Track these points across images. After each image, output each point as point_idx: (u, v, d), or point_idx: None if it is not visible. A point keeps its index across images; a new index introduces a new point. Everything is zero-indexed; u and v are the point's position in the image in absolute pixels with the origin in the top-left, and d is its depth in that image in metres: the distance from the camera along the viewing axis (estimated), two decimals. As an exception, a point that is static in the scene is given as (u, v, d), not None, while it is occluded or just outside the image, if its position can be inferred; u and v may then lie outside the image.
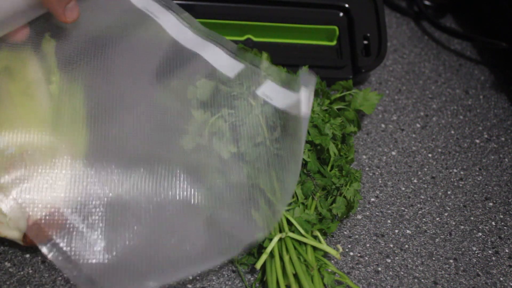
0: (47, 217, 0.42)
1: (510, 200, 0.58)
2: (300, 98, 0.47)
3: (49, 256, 0.41)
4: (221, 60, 0.54)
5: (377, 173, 0.58)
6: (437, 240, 0.54)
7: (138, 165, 0.46)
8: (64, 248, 0.41)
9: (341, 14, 0.66)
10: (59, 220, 0.43)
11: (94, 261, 0.42)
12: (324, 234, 0.50)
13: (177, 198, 0.46)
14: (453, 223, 0.55)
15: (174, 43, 0.55)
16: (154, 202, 0.45)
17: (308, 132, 0.50)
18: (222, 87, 0.52)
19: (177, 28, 0.56)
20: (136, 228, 0.44)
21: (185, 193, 0.47)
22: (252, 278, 0.48)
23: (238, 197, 0.47)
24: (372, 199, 0.56)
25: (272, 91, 0.52)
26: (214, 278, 0.48)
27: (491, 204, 0.57)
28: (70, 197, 0.44)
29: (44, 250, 0.41)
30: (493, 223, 0.56)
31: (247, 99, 0.52)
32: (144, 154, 0.47)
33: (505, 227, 0.55)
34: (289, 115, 0.50)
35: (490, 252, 0.53)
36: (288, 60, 0.61)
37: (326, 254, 0.49)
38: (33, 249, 0.47)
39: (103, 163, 0.45)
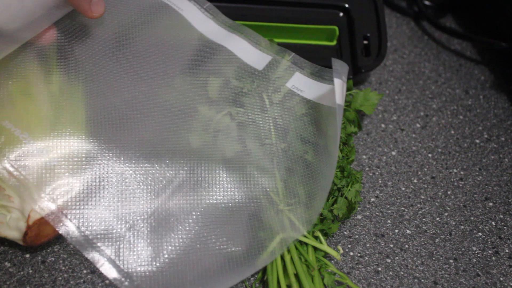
0: (96, 229, 0.42)
1: (510, 200, 0.58)
2: (334, 89, 0.47)
3: (101, 268, 0.41)
4: (248, 52, 0.54)
5: (377, 173, 0.58)
6: (437, 240, 0.54)
7: (179, 169, 0.46)
8: (113, 258, 0.41)
9: (341, 14, 0.66)
10: (107, 230, 0.42)
11: (143, 269, 0.41)
12: (325, 234, 0.50)
13: (219, 199, 0.46)
14: (453, 223, 0.55)
15: (199, 36, 0.54)
16: (196, 206, 0.45)
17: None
18: (235, 83, 0.52)
19: (200, 19, 0.55)
20: (181, 234, 0.43)
21: (226, 193, 0.46)
22: (252, 278, 0.48)
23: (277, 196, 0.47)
24: (372, 199, 0.56)
25: (301, 83, 0.52)
26: (214, 278, 0.48)
27: (491, 204, 0.57)
28: (115, 206, 0.43)
29: (95, 262, 0.41)
30: (493, 223, 0.56)
31: (261, 96, 0.51)
32: (182, 156, 0.47)
33: (505, 227, 0.56)
34: (316, 108, 0.50)
35: (490, 252, 0.53)
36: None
37: (326, 254, 0.49)
38: (33, 249, 0.47)
39: (144, 170, 0.45)
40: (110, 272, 0.41)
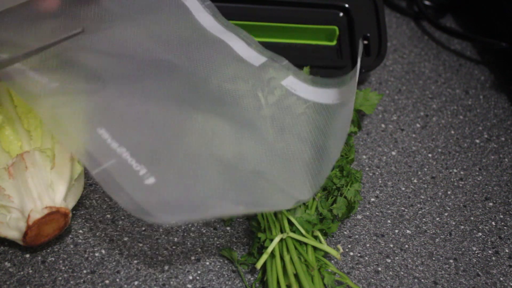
0: (99, 144, 0.43)
1: (510, 200, 0.58)
2: (350, 89, 0.49)
3: (100, 181, 0.41)
4: (244, 50, 0.55)
5: (377, 173, 0.58)
6: (437, 240, 0.54)
7: (181, 111, 0.47)
8: (115, 177, 0.41)
9: (341, 14, 0.66)
10: (109, 150, 0.42)
11: (143, 193, 0.41)
12: (325, 234, 0.50)
13: (227, 152, 0.47)
14: (453, 223, 0.55)
15: (200, 28, 0.56)
16: (199, 152, 0.46)
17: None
18: (230, 85, 0.52)
19: (202, 14, 0.57)
20: (182, 167, 0.44)
21: (234, 146, 0.48)
22: (252, 278, 0.48)
23: (288, 153, 0.48)
24: (372, 199, 0.56)
25: (295, 85, 0.54)
26: (214, 278, 0.48)
27: (491, 204, 0.57)
28: (116, 131, 0.44)
29: (95, 175, 0.41)
30: (493, 223, 0.56)
31: (257, 96, 0.52)
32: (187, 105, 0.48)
33: (505, 227, 0.56)
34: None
35: (490, 252, 0.53)
36: (288, 60, 0.61)
37: (326, 254, 0.49)
38: (33, 249, 0.47)
39: (143, 102, 0.46)
40: (109, 188, 0.41)
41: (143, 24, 0.53)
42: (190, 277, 0.48)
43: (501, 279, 0.52)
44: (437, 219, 0.55)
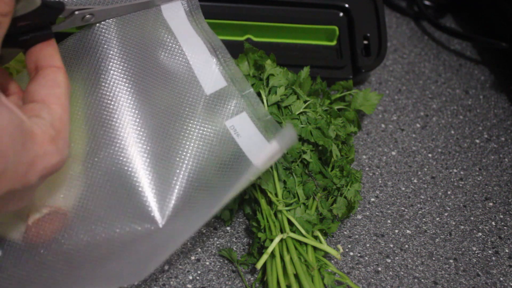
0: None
1: (510, 200, 0.58)
2: (266, 150, 0.43)
3: None
4: (204, 66, 0.48)
5: (377, 173, 0.58)
6: (437, 240, 0.54)
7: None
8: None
9: (341, 14, 0.66)
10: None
11: None
12: (325, 234, 0.50)
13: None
14: (453, 223, 0.55)
15: (164, 24, 0.48)
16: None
17: (311, 133, 0.50)
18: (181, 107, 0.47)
19: (173, 9, 0.49)
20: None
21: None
22: (252, 278, 0.48)
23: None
24: (372, 199, 0.56)
25: (242, 126, 0.47)
26: (214, 278, 0.48)
27: (491, 204, 0.57)
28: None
29: None
30: (493, 223, 0.56)
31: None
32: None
33: (505, 227, 0.56)
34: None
35: (490, 252, 0.53)
36: (288, 60, 0.61)
37: (326, 254, 0.49)
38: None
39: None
40: None
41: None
42: (190, 277, 0.48)
43: (501, 279, 0.52)
44: (437, 219, 0.55)
